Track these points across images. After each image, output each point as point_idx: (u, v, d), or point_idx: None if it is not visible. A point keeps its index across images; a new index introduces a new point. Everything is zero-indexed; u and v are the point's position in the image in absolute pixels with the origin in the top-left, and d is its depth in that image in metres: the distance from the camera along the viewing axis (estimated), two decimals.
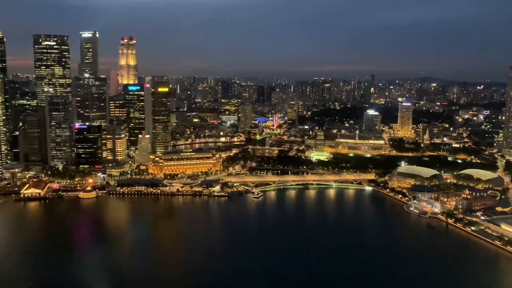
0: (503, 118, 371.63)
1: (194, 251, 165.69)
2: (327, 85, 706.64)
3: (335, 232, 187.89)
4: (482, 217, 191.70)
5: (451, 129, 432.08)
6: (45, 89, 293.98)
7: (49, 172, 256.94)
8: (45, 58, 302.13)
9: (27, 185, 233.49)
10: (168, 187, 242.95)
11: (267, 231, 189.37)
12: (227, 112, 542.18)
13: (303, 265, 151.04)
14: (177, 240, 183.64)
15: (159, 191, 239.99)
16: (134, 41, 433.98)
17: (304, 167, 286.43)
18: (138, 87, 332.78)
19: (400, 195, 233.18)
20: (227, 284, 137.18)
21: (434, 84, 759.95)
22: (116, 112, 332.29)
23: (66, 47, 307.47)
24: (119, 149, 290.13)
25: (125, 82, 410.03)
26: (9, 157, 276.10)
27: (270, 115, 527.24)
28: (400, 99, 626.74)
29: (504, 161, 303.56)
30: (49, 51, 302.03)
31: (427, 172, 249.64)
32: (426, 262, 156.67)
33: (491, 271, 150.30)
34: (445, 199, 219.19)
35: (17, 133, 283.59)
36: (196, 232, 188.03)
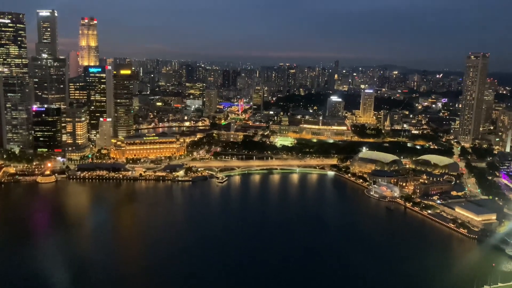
0: (460, 106, 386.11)
1: (155, 236, 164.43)
2: (292, 71, 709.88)
3: (296, 216, 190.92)
4: (438, 201, 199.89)
5: (411, 116, 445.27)
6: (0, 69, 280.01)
7: (5, 156, 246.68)
8: None
9: None
10: (130, 172, 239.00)
11: (230, 216, 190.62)
12: (191, 96, 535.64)
13: (263, 249, 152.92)
14: (138, 225, 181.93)
15: (121, 175, 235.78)
16: (95, 22, 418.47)
17: (269, 152, 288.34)
18: (100, 69, 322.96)
19: (361, 180, 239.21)
20: (185, 269, 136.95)
21: (396, 72, 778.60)
22: (76, 94, 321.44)
23: (22, 26, 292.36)
24: (79, 132, 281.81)
25: (85, 63, 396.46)
26: None
27: (235, 100, 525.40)
28: (362, 86, 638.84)
29: (460, 147, 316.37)
30: (3, 29, 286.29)
31: (387, 157, 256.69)
32: (384, 244, 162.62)
33: (444, 251, 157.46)
34: (404, 184, 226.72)
35: None
36: (158, 217, 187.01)
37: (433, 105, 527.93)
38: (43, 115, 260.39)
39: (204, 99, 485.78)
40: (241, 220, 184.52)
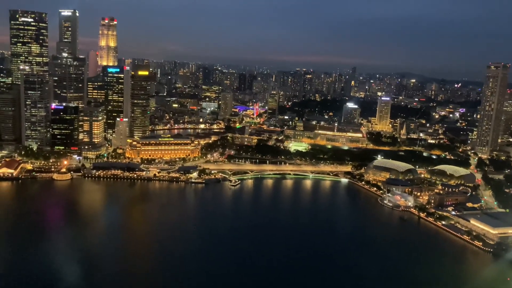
0: (478, 116, 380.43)
1: (165, 236, 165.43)
2: (308, 76, 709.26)
3: (309, 223, 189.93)
4: (453, 212, 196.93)
5: (428, 125, 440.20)
6: (21, 67, 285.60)
7: (23, 152, 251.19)
8: (21, 34, 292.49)
9: (0, 164, 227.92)
10: (145, 172, 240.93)
11: (241, 218, 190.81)
12: (207, 99, 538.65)
13: (271, 252, 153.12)
14: (150, 224, 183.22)
15: (135, 175, 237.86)
16: (115, 22, 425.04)
17: (282, 157, 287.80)
18: (118, 69, 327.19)
19: (375, 188, 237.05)
20: (194, 270, 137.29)
21: (413, 80, 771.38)
22: (94, 93, 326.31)
23: (44, 25, 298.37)
24: (96, 131, 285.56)
25: (104, 63, 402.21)
26: None
27: (250, 104, 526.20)
28: (379, 93, 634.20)
29: (477, 158, 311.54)
30: (26, 27, 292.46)
31: (402, 166, 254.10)
32: (395, 253, 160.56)
33: (458, 263, 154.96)
34: (418, 193, 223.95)
35: None
36: (169, 217, 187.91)
37: (451, 115, 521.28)
38: (61, 113, 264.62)
39: (220, 102, 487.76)
40: (252, 223, 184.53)
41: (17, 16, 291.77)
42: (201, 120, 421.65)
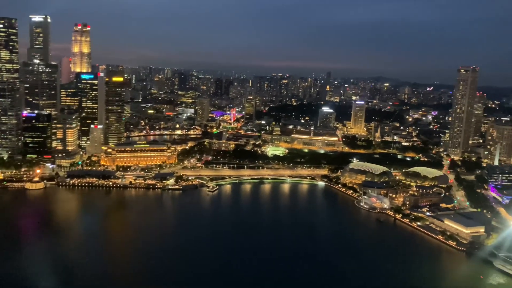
0: (450, 119, 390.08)
1: (143, 244, 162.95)
2: (284, 81, 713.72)
3: (288, 226, 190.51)
4: (427, 213, 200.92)
5: (401, 128, 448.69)
6: None
7: None
8: None
9: None
10: (120, 179, 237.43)
11: (220, 224, 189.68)
12: (183, 105, 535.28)
13: (251, 255, 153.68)
14: (127, 233, 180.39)
15: (111, 183, 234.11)
16: (88, 28, 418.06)
17: (260, 161, 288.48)
18: (92, 76, 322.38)
19: (351, 191, 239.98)
20: (173, 277, 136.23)
21: (387, 84, 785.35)
22: (67, 100, 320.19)
23: (14, 31, 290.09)
24: (70, 139, 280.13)
25: (77, 70, 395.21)
26: None
27: (227, 109, 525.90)
28: (354, 98, 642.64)
29: (449, 160, 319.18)
30: None
31: (378, 168, 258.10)
32: (372, 254, 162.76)
33: (433, 263, 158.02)
34: (394, 195, 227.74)
35: None
36: (147, 225, 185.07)
37: (424, 118, 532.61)
38: (34, 121, 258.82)
39: (196, 108, 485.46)
40: (231, 228, 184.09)
41: None
42: (177, 126, 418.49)
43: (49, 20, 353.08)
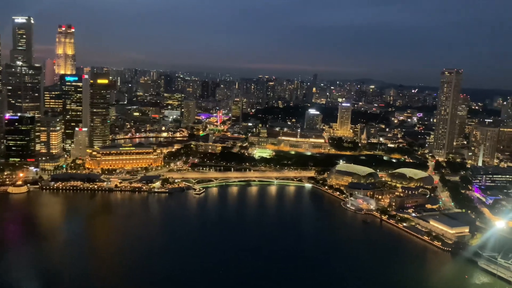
0: (434, 120, 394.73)
1: (129, 248, 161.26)
2: (271, 83, 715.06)
3: (273, 228, 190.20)
4: (413, 214, 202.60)
5: (387, 129, 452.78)
6: None
7: None
8: None
9: None
10: (105, 183, 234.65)
11: (207, 228, 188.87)
12: (169, 107, 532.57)
13: (238, 256, 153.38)
14: (113, 237, 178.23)
15: (96, 186, 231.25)
16: (72, 30, 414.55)
17: (247, 164, 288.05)
18: (76, 78, 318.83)
19: (338, 192, 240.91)
20: (160, 282, 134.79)
21: (373, 86, 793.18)
22: (51, 103, 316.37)
23: None
24: (54, 142, 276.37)
25: (62, 72, 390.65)
26: None
27: (214, 111, 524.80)
28: (340, 100, 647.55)
29: (434, 161, 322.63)
30: None
31: (364, 170, 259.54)
32: (359, 255, 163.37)
33: (419, 264, 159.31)
34: (380, 197, 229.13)
35: None
36: (133, 229, 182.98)
37: (409, 119, 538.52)
38: (16, 123, 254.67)
39: (183, 110, 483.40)
40: (217, 230, 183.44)
41: None
42: (163, 128, 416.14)
43: (32, 21, 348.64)
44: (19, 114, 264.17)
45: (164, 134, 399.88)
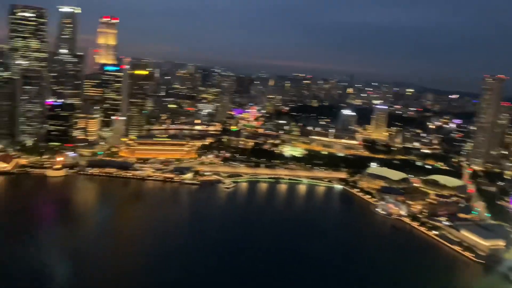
0: (473, 128, 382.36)
1: (156, 236, 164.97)
2: (306, 81, 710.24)
3: (301, 227, 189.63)
4: (445, 222, 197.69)
5: (423, 135, 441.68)
6: (18, 62, 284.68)
7: (17, 147, 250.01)
8: (20, 29, 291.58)
9: None
10: (139, 171, 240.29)
11: (233, 220, 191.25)
12: (204, 101, 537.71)
13: (260, 253, 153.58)
14: (141, 224, 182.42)
15: (129, 174, 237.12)
16: (115, 21, 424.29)
17: (277, 161, 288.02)
18: (116, 68, 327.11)
19: (368, 196, 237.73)
20: (182, 270, 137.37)
21: (411, 90, 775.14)
22: (91, 91, 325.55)
23: (43, 20, 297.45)
24: (91, 129, 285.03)
25: (103, 61, 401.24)
26: None
27: (247, 107, 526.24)
28: (376, 102, 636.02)
29: (470, 170, 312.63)
30: (25, 22, 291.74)
31: (396, 174, 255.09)
32: (385, 261, 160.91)
33: (448, 274, 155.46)
34: (411, 202, 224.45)
35: None
36: (161, 217, 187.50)
37: (446, 126, 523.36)
38: (58, 109, 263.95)
39: (217, 104, 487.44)
40: (243, 225, 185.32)
41: (15, 10, 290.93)
42: (197, 121, 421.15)
43: (77, 11, 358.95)
44: (60, 101, 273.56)
45: (198, 127, 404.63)
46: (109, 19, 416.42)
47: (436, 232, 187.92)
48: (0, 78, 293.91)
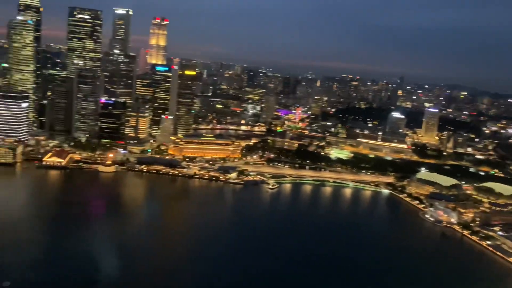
0: None
1: (200, 234, 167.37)
2: (354, 83, 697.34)
3: (345, 231, 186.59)
4: (500, 232, 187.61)
5: (477, 140, 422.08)
6: (75, 61, 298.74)
7: (72, 143, 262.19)
8: (78, 30, 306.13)
9: (50, 153, 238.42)
10: (186, 169, 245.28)
11: (276, 221, 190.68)
12: (250, 101, 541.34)
13: (303, 264, 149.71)
14: (186, 221, 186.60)
15: (176, 172, 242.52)
16: (166, 22, 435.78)
17: (323, 163, 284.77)
18: (166, 68, 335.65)
19: (417, 201, 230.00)
20: (225, 270, 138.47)
21: (464, 93, 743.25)
22: (142, 90, 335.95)
23: (99, 22, 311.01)
24: (141, 127, 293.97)
25: (153, 62, 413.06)
26: (35, 125, 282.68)
27: (293, 108, 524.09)
28: (427, 104, 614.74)
29: None
30: (82, 24, 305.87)
31: (447, 181, 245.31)
32: (436, 270, 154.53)
33: (501, 286, 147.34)
34: (463, 210, 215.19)
35: (45, 102, 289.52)
36: (206, 216, 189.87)
37: (503, 131, 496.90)
38: (110, 107, 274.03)
39: (262, 105, 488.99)
40: (286, 226, 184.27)
41: (75, 13, 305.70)
42: (242, 121, 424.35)
43: (130, 12, 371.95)
44: (113, 99, 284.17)
45: (243, 127, 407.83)
46: (160, 20, 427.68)
47: (489, 242, 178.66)
48: (58, 77, 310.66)
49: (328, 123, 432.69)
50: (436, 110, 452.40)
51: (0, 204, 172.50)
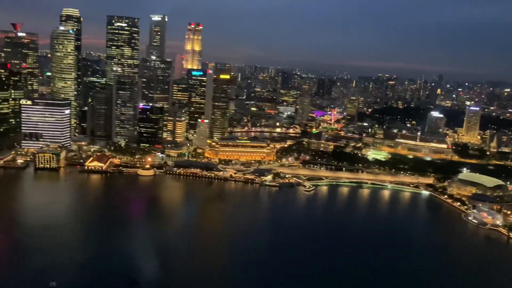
0: None
1: (238, 237, 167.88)
2: (391, 82, 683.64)
3: (379, 237, 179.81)
4: None
5: None
6: (114, 69, 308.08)
7: (112, 148, 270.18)
8: (116, 38, 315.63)
9: (91, 158, 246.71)
10: (222, 172, 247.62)
11: (312, 224, 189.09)
12: (285, 103, 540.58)
13: (340, 266, 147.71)
14: (223, 224, 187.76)
15: (213, 175, 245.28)
16: (200, 27, 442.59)
17: (360, 165, 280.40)
18: (201, 73, 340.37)
19: (458, 203, 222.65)
20: (263, 273, 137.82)
21: (508, 90, 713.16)
22: (178, 95, 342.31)
23: (136, 29, 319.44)
24: (178, 131, 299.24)
25: (189, 66, 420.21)
26: (77, 131, 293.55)
27: (328, 109, 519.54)
28: (468, 103, 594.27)
29: None
30: (120, 32, 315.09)
31: (491, 181, 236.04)
32: (480, 274, 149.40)
33: None
34: (509, 212, 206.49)
35: (86, 108, 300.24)
36: (242, 219, 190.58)
37: None
38: (148, 112, 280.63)
39: (297, 107, 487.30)
40: (322, 229, 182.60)
41: (113, 21, 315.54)
42: (277, 124, 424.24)
43: (166, 19, 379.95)
44: (150, 104, 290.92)
45: (278, 130, 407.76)
46: (195, 26, 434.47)
47: None
48: (98, 84, 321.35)
49: (364, 124, 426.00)
50: (478, 108, 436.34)
51: (45, 207, 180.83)
